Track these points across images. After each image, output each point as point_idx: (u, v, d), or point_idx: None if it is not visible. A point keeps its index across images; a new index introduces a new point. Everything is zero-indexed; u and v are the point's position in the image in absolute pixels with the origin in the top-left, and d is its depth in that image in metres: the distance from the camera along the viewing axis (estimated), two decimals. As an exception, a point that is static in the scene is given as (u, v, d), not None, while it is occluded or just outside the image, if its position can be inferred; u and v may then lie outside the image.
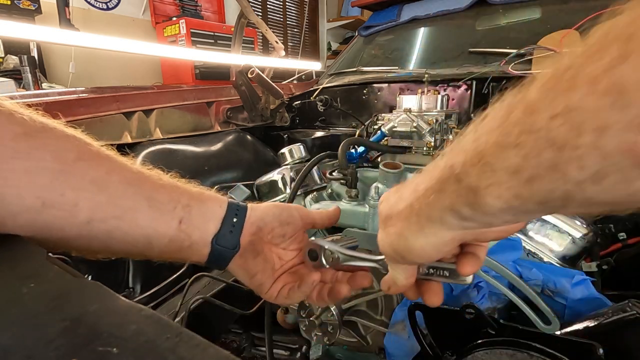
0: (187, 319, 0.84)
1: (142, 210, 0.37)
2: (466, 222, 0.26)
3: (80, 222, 0.33)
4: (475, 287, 0.69)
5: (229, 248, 0.44)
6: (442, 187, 0.26)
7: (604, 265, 0.80)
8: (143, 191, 0.38)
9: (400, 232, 0.31)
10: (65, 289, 0.26)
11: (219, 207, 0.44)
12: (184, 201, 0.41)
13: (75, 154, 0.34)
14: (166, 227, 0.39)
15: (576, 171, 0.18)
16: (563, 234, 0.71)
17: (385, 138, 1.02)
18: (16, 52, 2.62)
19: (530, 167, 0.20)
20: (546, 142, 0.19)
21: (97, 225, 0.34)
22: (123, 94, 1.23)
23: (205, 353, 0.22)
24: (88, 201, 0.34)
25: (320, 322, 0.75)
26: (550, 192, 0.20)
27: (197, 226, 0.42)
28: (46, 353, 0.20)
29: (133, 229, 0.37)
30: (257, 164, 1.46)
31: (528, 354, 0.52)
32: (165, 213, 0.39)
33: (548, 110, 0.18)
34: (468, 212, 0.25)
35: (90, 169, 0.34)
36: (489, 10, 1.60)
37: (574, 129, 0.17)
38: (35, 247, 0.31)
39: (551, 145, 0.19)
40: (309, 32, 6.00)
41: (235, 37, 1.50)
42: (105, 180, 0.35)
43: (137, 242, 0.38)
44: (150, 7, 3.77)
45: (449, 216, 0.26)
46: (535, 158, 0.19)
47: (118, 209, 0.36)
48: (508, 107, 0.21)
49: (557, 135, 0.18)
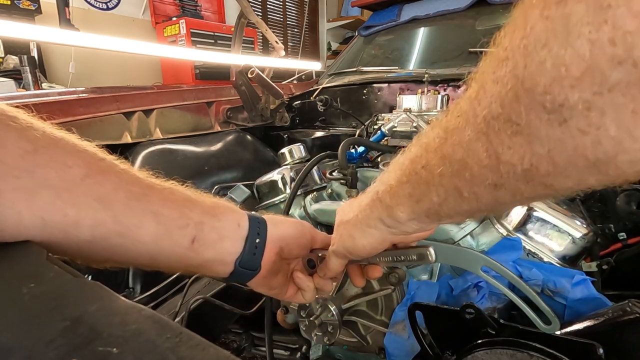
0: (187, 319, 0.84)
1: (148, 227, 0.37)
2: (390, 229, 0.38)
3: (81, 240, 0.33)
4: (475, 287, 0.69)
5: (252, 270, 0.45)
6: (373, 204, 0.39)
7: (604, 265, 0.80)
8: (150, 206, 0.37)
9: (350, 234, 0.43)
10: (65, 289, 0.26)
11: (238, 225, 0.44)
12: (197, 217, 0.40)
13: (84, 170, 0.33)
14: (173, 245, 0.39)
15: (435, 198, 0.31)
16: (563, 234, 0.71)
17: (385, 138, 1.02)
18: (16, 52, 2.62)
19: (415, 195, 0.33)
20: (419, 181, 0.32)
21: (98, 243, 0.34)
22: (123, 94, 1.23)
23: (205, 353, 0.22)
24: (90, 220, 0.33)
25: (320, 322, 0.75)
26: (428, 210, 0.33)
27: (211, 245, 0.41)
28: (46, 353, 0.20)
29: (136, 246, 0.36)
30: (257, 164, 1.46)
31: (528, 354, 0.52)
32: (175, 230, 0.39)
33: (420, 163, 0.32)
34: (389, 221, 0.37)
35: (96, 186, 0.34)
36: (489, 10, 1.60)
37: (430, 174, 0.31)
38: (35, 247, 0.31)
39: (421, 183, 0.32)
40: (309, 32, 6.00)
41: (235, 37, 1.50)
42: (111, 197, 0.35)
43: (141, 257, 0.38)
44: (150, 7, 3.77)
45: (379, 223, 0.39)
46: (417, 189, 0.33)
47: (121, 227, 0.35)
48: (405, 158, 0.34)
49: (422, 177, 0.31)
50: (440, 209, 0.32)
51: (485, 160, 0.26)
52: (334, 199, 1.00)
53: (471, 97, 0.26)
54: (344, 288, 0.82)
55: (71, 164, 0.33)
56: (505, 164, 0.24)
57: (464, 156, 0.27)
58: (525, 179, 0.24)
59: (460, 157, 0.27)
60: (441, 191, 0.30)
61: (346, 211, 0.44)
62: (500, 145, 0.24)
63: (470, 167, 0.27)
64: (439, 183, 0.30)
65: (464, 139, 0.27)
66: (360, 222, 0.41)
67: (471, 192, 0.28)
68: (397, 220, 0.36)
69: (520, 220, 0.74)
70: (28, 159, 0.30)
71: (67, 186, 0.32)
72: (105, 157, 0.37)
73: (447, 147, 0.28)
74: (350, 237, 0.43)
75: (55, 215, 0.31)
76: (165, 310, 0.90)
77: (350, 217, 0.43)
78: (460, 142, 0.27)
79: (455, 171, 0.28)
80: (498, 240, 0.74)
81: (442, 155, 0.29)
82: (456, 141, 0.27)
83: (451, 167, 0.28)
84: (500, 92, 0.23)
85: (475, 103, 0.25)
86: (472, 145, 0.26)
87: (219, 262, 0.43)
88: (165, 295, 0.96)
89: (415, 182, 0.33)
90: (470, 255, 0.47)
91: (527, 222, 0.74)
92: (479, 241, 0.76)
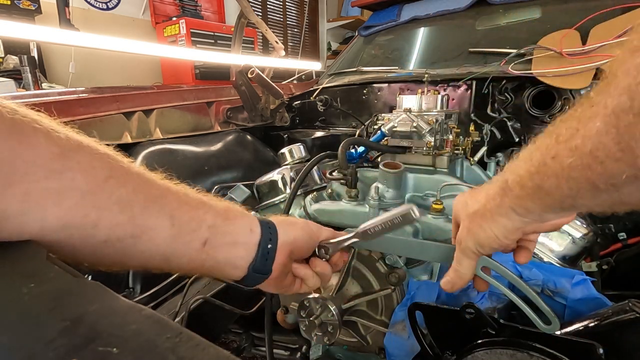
0: (187, 319, 0.84)
1: (163, 229, 0.37)
2: (523, 218, 0.38)
3: (96, 241, 0.34)
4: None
5: (263, 274, 0.46)
6: (503, 193, 0.39)
7: (604, 265, 0.80)
8: (167, 209, 0.38)
9: (480, 224, 0.42)
10: (65, 289, 0.26)
11: (250, 230, 0.45)
12: (209, 220, 0.41)
13: (107, 172, 0.34)
14: (186, 247, 0.39)
15: (567, 191, 0.31)
16: (563, 234, 0.71)
17: (385, 138, 1.02)
18: (16, 52, 2.62)
19: (545, 187, 0.33)
20: (548, 172, 0.32)
21: (113, 244, 0.35)
22: (123, 94, 1.23)
23: (205, 353, 0.22)
24: (108, 221, 0.34)
25: (320, 322, 0.75)
26: (560, 202, 0.33)
27: (223, 248, 0.42)
28: (46, 353, 0.20)
29: (149, 247, 0.37)
30: (257, 164, 1.46)
31: (528, 354, 0.52)
32: (188, 233, 0.39)
33: (550, 154, 0.31)
34: (521, 210, 0.37)
35: (118, 188, 0.35)
36: (489, 10, 1.60)
37: (559, 165, 0.31)
38: (35, 247, 0.31)
39: (550, 176, 0.32)
40: (309, 32, 6.00)
41: (235, 37, 1.50)
42: (130, 199, 0.35)
43: (153, 259, 0.38)
44: (150, 7, 3.76)
45: (511, 213, 0.38)
46: (546, 181, 0.32)
47: (137, 229, 0.36)
48: (535, 147, 0.34)
49: (552, 169, 0.31)
50: (574, 202, 0.31)
51: (618, 153, 0.25)
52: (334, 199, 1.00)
53: (602, 88, 0.26)
54: (344, 288, 0.82)
55: (95, 166, 0.34)
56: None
57: (593, 149, 0.27)
58: None
59: (590, 150, 0.27)
60: (572, 184, 0.30)
61: (470, 203, 0.44)
62: (632, 139, 0.24)
63: (601, 160, 0.26)
64: (568, 175, 0.30)
65: (593, 131, 0.26)
66: (489, 211, 0.41)
67: (608, 185, 0.27)
68: (529, 211, 0.36)
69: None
70: (57, 161, 0.31)
71: (91, 188, 0.33)
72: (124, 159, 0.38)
73: (577, 139, 0.28)
74: (479, 228, 0.42)
75: (77, 216, 0.32)
76: (165, 310, 0.90)
77: (477, 208, 0.43)
78: (590, 135, 0.27)
79: (586, 164, 0.28)
80: (498, 240, 0.74)
81: (573, 147, 0.29)
82: (586, 133, 0.27)
83: (581, 159, 0.28)
84: (630, 84, 0.23)
85: (606, 94, 0.25)
86: (602, 139, 0.26)
87: (231, 265, 0.43)
88: (165, 295, 0.96)
89: (544, 174, 0.32)
90: None
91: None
92: (479, 241, 0.76)
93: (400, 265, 0.76)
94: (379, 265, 0.78)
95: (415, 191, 0.95)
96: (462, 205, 0.46)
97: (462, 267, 0.47)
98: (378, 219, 0.49)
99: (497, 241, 0.42)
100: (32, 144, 0.30)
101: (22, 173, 0.29)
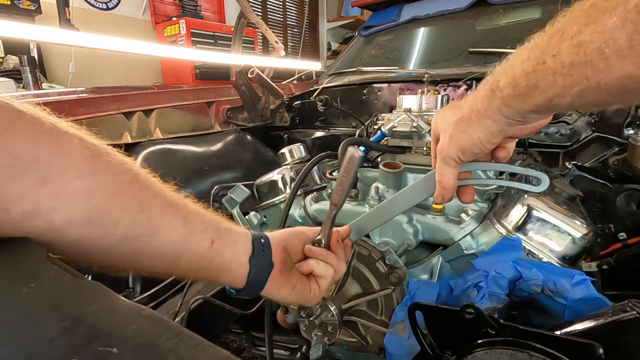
0: (187, 319, 0.84)
1: (176, 228, 0.40)
2: (507, 119, 0.40)
3: (114, 239, 0.35)
4: (475, 287, 0.69)
5: (265, 265, 0.48)
6: (492, 95, 0.39)
7: (604, 265, 0.80)
8: (180, 213, 0.41)
9: (463, 130, 0.44)
10: (65, 289, 0.26)
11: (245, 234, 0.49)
12: (214, 224, 0.45)
13: (131, 176, 0.38)
14: (197, 245, 0.42)
15: (561, 88, 0.32)
16: (563, 234, 0.71)
17: (385, 138, 1.02)
18: (16, 52, 2.62)
19: (541, 85, 0.33)
20: (546, 71, 0.32)
21: (129, 242, 0.37)
22: (123, 94, 1.23)
23: (205, 353, 0.22)
24: (128, 220, 0.36)
25: (320, 322, 0.75)
26: (551, 100, 0.34)
27: (229, 246, 0.45)
28: (46, 353, 0.20)
29: (163, 245, 0.39)
30: (257, 164, 1.46)
31: (528, 354, 0.52)
32: (198, 232, 0.42)
33: (551, 52, 0.32)
34: (508, 111, 0.39)
35: (140, 191, 0.38)
36: (489, 10, 1.60)
37: (559, 63, 0.31)
38: (35, 247, 0.31)
39: (548, 74, 0.32)
40: (309, 32, 6.00)
41: (235, 37, 1.50)
42: (150, 201, 0.38)
43: (166, 257, 0.40)
44: (150, 7, 3.77)
45: (497, 114, 0.40)
46: (542, 80, 0.33)
47: (154, 228, 0.38)
48: (532, 48, 0.35)
49: (550, 67, 0.32)
50: (563, 100, 0.33)
51: (626, 50, 0.26)
52: (334, 199, 1.00)
53: None
54: (344, 288, 0.82)
55: (121, 170, 0.37)
56: None
57: (602, 45, 0.27)
58: None
59: (597, 46, 0.27)
60: (568, 81, 0.31)
61: (451, 113, 0.46)
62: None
63: (606, 57, 0.27)
64: (567, 73, 0.30)
65: (607, 26, 0.27)
66: (477, 113, 0.42)
67: (603, 84, 0.28)
68: (517, 110, 0.38)
69: (520, 220, 0.74)
70: (89, 163, 0.34)
71: (118, 189, 0.36)
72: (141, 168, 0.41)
73: (585, 35, 0.28)
74: (463, 133, 0.44)
75: (101, 213, 0.34)
76: (165, 310, 0.90)
77: (462, 114, 0.44)
78: (603, 30, 0.27)
79: (589, 61, 0.28)
80: (498, 240, 0.74)
81: (579, 43, 0.29)
82: (598, 28, 0.27)
83: (585, 56, 0.28)
84: None
85: None
86: (615, 33, 0.26)
87: (236, 262, 0.46)
88: (165, 295, 0.96)
89: (542, 73, 0.33)
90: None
91: (527, 222, 0.73)
92: (479, 241, 0.76)
93: (400, 265, 0.76)
94: (379, 265, 0.78)
95: (415, 191, 0.95)
96: (442, 118, 0.48)
97: (445, 177, 0.49)
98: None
99: (480, 145, 0.43)
100: (68, 146, 0.33)
101: (59, 172, 0.31)
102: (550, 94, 0.33)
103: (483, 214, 0.82)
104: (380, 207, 0.61)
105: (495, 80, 0.39)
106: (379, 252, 0.77)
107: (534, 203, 0.74)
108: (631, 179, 1.00)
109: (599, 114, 1.24)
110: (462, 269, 0.78)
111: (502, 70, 0.39)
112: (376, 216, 0.61)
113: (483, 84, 0.42)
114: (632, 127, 1.18)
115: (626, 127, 1.18)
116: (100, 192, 0.34)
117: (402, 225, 0.82)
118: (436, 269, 0.81)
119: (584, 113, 1.27)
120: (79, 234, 0.33)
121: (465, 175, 0.51)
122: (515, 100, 0.37)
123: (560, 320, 0.63)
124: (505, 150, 0.48)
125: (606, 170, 1.07)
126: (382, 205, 0.61)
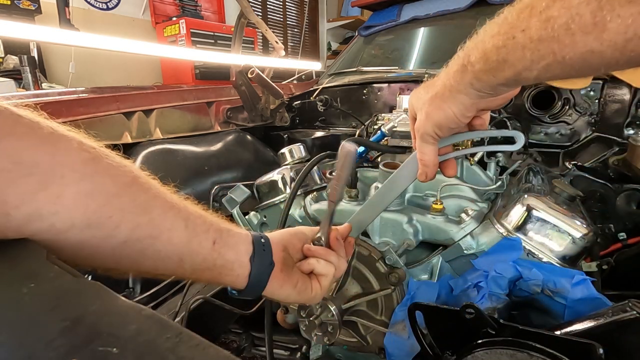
0: (187, 319, 0.84)
1: (179, 230, 0.40)
2: (479, 92, 0.41)
3: (117, 242, 0.35)
4: (475, 287, 0.69)
5: (266, 264, 0.48)
6: (464, 69, 0.40)
7: (604, 265, 0.80)
8: (182, 214, 0.41)
9: (438, 106, 0.45)
10: (65, 289, 0.26)
11: (245, 234, 0.49)
12: (215, 225, 0.45)
13: (131, 178, 0.37)
14: (200, 247, 0.42)
15: (529, 62, 0.33)
16: (563, 234, 0.71)
17: (385, 138, 1.02)
18: (16, 52, 2.62)
19: (510, 59, 0.35)
20: (515, 46, 0.33)
21: (132, 245, 0.37)
22: (123, 94, 1.23)
23: (205, 353, 0.22)
24: (129, 223, 0.36)
25: (320, 322, 0.75)
26: (519, 73, 0.35)
27: (231, 247, 0.45)
28: (46, 353, 0.20)
29: (166, 247, 0.39)
30: (257, 164, 1.46)
31: (528, 354, 0.52)
32: (200, 234, 0.42)
33: (520, 27, 0.33)
34: (479, 85, 0.40)
35: (140, 193, 0.38)
36: (489, 10, 1.60)
37: (528, 38, 0.32)
38: (35, 247, 0.31)
39: (517, 49, 0.33)
40: (309, 32, 6.00)
41: (235, 37, 1.50)
42: (151, 203, 0.38)
43: (169, 259, 0.40)
44: (150, 7, 3.76)
45: (469, 88, 0.41)
46: (512, 54, 0.34)
47: (156, 230, 0.38)
48: (500, 23, 0.36)
49: (520, 42, 0.33)
50: (530, 74, 0.34)
51: (590, 27, 0.27)
52: (334, 199, 1.00)
53: None
54: (344, 288, 0.82)
55: (121, 172, 0.37)
56: (609, 32, 0.26)
57: (568, 21, 0.28)
58: (624, 49, 0.26)
59: (564, 22, 0.28)
60: (536, 55, 0.32)
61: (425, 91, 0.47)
62: (610, 12, 0.25)
63: (572, 32, 0.28)
64: (535, 48, 0.31)
65: (574, 2, 0.28)
66: (450, 89, 0.43)
67: (567, 58, 0.30)
68: (488, 84, 0.39)
69: (520, 220, 0.74)
70: (89, 166, 0.34)
71: (117, 191, 0.36)
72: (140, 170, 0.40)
73: (553, 10, 0.29)
74: (438, 109, 0.45)
75: (102, 217, 0.34)
76: (165, 310, 0.90)
77: (436, 91, 0.45)
78: (570, 6, 0.28)
79: (556, 36, 0.29)
80: (498, 240, 0.74)
81: (547, 18, 0.30)
82: (565, 4, 0.28)
83: (552, 32, 0.30)
84: None
85: None
86: (581, 9, 0.27)
87: (238, 263, 0.46)
88: (165, 295, 0.96)
89: (512, 47, 0.34)
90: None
91: (527, 222, 0.73)
92: (479, 241, 0.76)
93: (400, 265, 0.76)
94: (379, 265, 0.78)
95: (415, 191, 0.95)
96: (417, 98, 0.49)
97: (425, 155, 0.51)
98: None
99: (455, 120, 0.45)
100: (67, 150, 0.33)
101: (59, 176, 0.31)
102: (519, 68, 0.34)
103: (483, 214, 0.82)
104: (374, 199, 0.62)
105: (467, 55, 0.40)
106: (379, 252, 0.77)
107: (534, 203, 0.74)
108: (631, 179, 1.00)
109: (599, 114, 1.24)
110: (462, 269, 0.78)
111: (473, 45, 0.40)
112: (372, 207, 0.62)
113: (454, 59, 0.43)
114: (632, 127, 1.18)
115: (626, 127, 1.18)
116: (101, 194, 0.34)
117: (402, 225, 0.82)
118: (436, 269, 0.81)
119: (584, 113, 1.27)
120: (81, 237, 0.33)
121: (445, 150, 0.53)
122: (487, 74, 0.38)
123: (560, 320, 0.63)
124: (480, 119, 0.49)
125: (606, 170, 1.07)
126: (376, 196, 0.62)
